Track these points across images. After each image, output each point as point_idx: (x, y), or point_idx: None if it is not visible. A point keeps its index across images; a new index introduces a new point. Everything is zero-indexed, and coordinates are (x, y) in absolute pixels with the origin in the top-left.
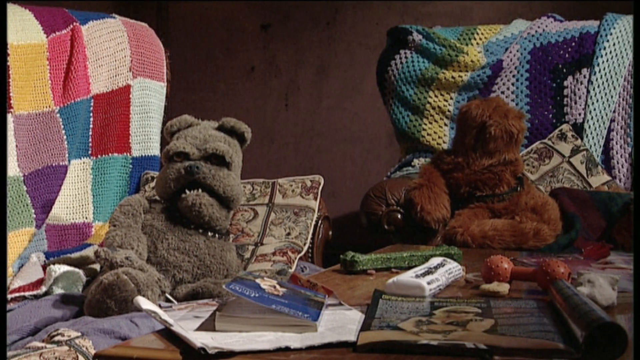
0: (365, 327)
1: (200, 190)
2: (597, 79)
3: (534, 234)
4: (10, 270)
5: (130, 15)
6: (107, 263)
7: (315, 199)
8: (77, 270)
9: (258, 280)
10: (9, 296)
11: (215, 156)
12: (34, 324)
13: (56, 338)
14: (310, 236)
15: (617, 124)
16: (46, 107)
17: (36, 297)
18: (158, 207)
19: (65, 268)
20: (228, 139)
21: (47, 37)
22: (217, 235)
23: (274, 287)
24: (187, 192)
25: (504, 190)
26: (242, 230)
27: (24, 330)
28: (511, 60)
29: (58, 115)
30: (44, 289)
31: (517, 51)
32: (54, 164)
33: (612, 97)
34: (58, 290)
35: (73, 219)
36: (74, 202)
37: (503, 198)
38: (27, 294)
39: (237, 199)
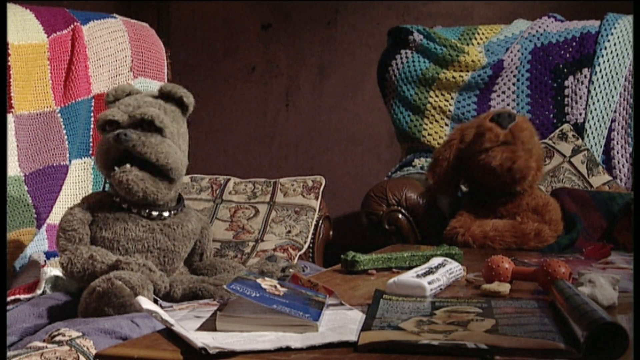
0: (366, 327)
1: (128, 165)
2: (597, 79)
3: (535, 235)
4: (10, 270)
5: (131, 15)
6: (102, 267)
7: (316, 198)
8: None
9: (259, 280)
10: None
11: (144, 121)
12: (32, 325)
13: (57, 338)
14: (310, 235)
15: (618, 124)
16: (47, 107)
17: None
18: (100, 209)
19: (56, 271)
20: (164, 105)
21: (47, 37)
22: (170, 212)
23: (275, 287)
24: (116, 168)
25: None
26: (243, 227)
27: (20, 332)
28: (512, 60)
29: (59, 115)
30: (38, 292)
31: (518, 51)
32: (54, 164)
33: (612, 97)
34: (54, 291)
35: None
36: (74, 202)
37: (505, 201)
38: (22, 297)
39: (176, 168)
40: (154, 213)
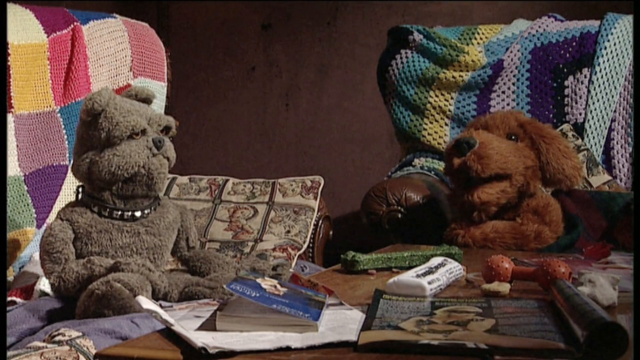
0: (366, 326)
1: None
2: (597, 79)
3: (535, 236)
4: (11, 270)
5: (131, 15)
6: (100, 270)
7: (315, 198)
8: None
9: (259, 280)
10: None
11: (167, 128)
12: (31, 326)
13: (57, 338)
14: (310, 235)
15: (618, 124)
16: (47, 106)
17: None
18: (81, 225)
19: (48, 289)
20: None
21: (47, 36)
22: (151, 209)
23: (275, 286)
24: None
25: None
26: (242, 227)
27: (18, 333)
28: (512, 60)
29: (59, 115)
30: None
31: (518, 51)
32: (54, 164)
33: (612, 96)
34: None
35: None
36: None
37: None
38: (18, 300)
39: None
40: (137, 214)
